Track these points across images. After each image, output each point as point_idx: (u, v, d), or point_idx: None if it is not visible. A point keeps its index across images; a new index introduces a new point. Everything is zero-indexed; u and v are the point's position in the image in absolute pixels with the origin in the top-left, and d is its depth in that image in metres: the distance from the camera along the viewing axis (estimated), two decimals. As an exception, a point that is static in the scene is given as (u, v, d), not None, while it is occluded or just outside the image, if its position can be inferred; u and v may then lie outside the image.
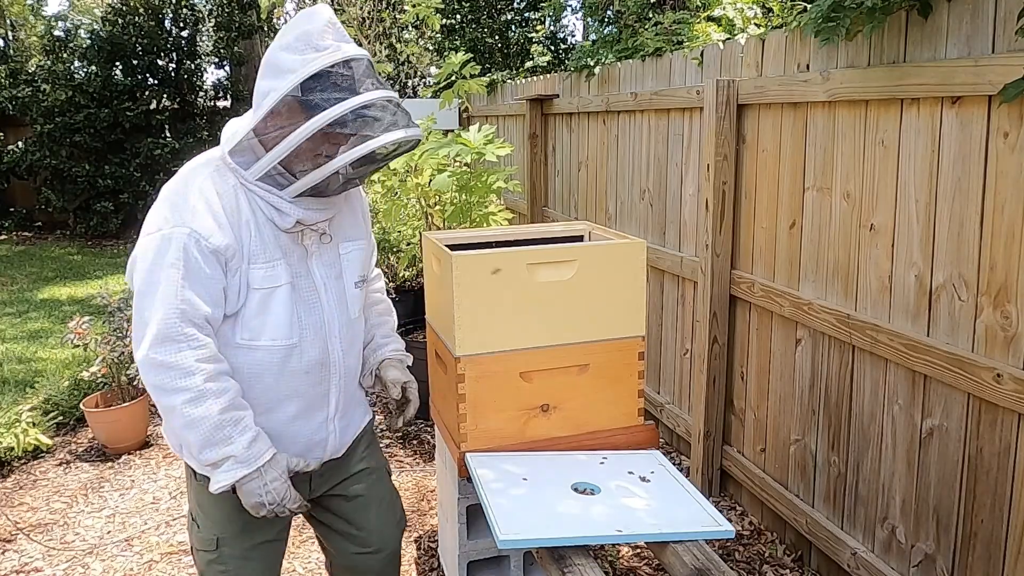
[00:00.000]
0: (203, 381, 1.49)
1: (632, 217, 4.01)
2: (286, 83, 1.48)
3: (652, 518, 1.74)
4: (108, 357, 3.87)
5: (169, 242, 1.50)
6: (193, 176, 1.58)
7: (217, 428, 1.51)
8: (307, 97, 1.48)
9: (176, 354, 1.48)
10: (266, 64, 1.53)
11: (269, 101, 1.50)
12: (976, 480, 2.08)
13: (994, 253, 1.97)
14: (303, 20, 1.52)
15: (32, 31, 15.78)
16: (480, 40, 9.58)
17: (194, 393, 1.49)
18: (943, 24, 2.07)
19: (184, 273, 1.49)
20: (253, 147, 1.55)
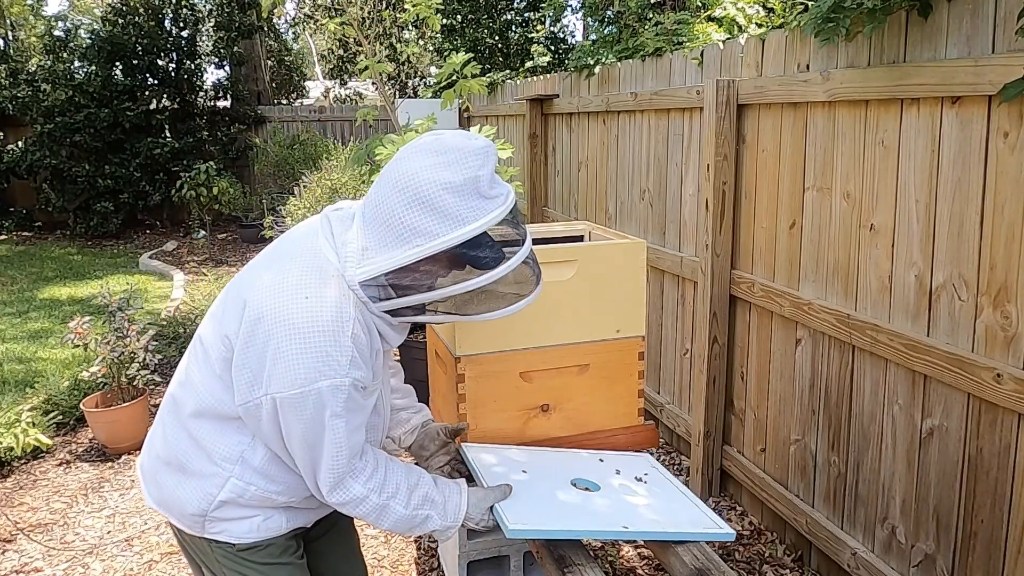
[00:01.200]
0: (377, 498, 1.49)
1: (632, 217, 4.01)
2: (459, 233, 1.33)
3: (655, 516, 1.73)
4: (108, 357, 3.87)
5: (331, 395, 1.37)
6: (340, 320, 1.38)
7: (411, 519, 1.54)
8: (474, 253, 1.37)
9: (346, 492, 1.47)
10: (416, 194, 1.34)
11: (430, 247, 1.34)
12: (976, 480, 2.08)
13: (994, 253, 1.97)
14: (472, 160, 1.35)
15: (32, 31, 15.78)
16: (480, 40, 9.59)
17: (375, 508, 1.50)
18: (943, 24, 2.07)
19: (348, 419, 1.41)
20: (384, 285, 1.41)
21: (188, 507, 1.53)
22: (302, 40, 19.30)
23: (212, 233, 10.49)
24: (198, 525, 1.55)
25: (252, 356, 1.40)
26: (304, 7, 13.64)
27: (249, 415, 1.44)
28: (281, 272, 1.45)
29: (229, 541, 1.56)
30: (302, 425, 1.39)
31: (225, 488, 1.51)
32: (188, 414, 1.53)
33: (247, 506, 1.54)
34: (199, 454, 1.52)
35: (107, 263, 8.99)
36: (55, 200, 10.28)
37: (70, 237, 10.56)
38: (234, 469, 1.50)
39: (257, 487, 1.52)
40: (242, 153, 11.05)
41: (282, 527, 1.59)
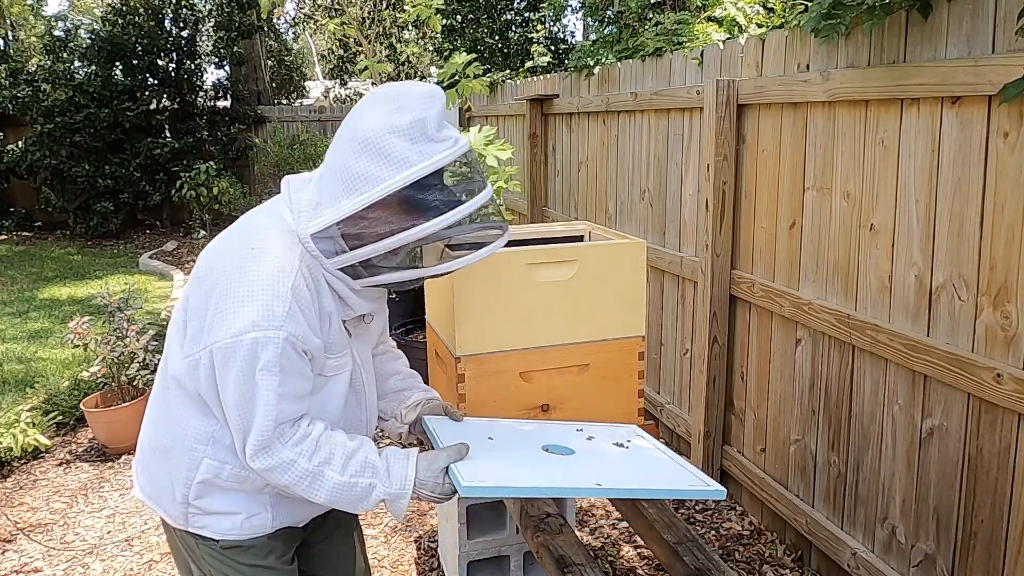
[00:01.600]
0: (307, 463, 1.40)
1: (632, 217, 4.01)
2: (403, 175, 1.30)
3: (634, 475, 1.58)
4: (108, 357, 3.87)
5: (262, 347, 1.33)
6: (282, 271, 1.37)
7: (350, 488, 1.42)
8: (423, 195, 1.32)
9: (271, 456, 1.39)
10: (364, 141, 1.33)
11: (376, 192, 1.31)
12: (976, 480, 2.08)
13: (994, 253, 1.97)
14: (418, 103, 1.34)
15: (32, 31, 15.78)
16: (480, 40, 9.59)
17: (305, 475, 1.40)
18: (943, 24, 2.07)
19: (281, 379, 1.36)
20: (336, 237, 1.38)
21: (171, 494, 1.52)
22: (302, 40, 19.29)
23: (212, 233, 10.48)
24: (182, 517, 1.53)
25: (199, 311, 1.40)
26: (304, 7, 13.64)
27: (190, 373, 1.42)
28: (234, 229, 1.47)
29: (213, 537, 1.53)
30: (233, 378, 1.35)
31: (200, 469, 1.48)
32: (166, 395, 1.52)
33: (228, 495, 1.51)
34: (177, 436, 1.50)
35: (107, 263, 8.99)
36: (55, 200, 10.28)
37: (70, 237, 10.56)
38: (207, 449, 1.48)
39: (232, 465, 1.48)
40: (242, 153, 11.05)
41: (267, 525, 1.55)
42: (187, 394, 1.47)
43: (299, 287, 1.37)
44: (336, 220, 1.36)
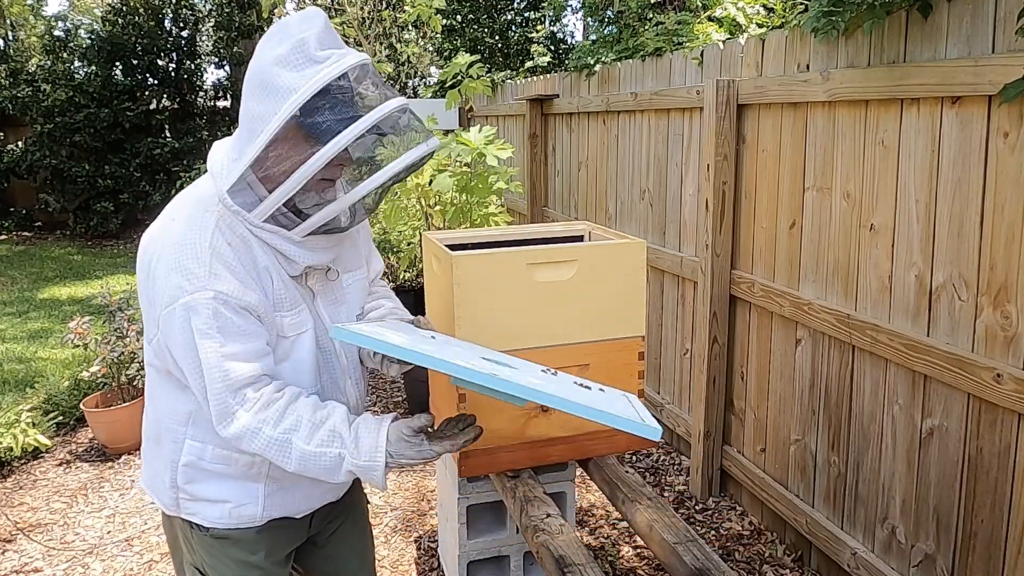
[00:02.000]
0: (272, 431, 1.35)
1: (632, 217, 4.01)
2: (287, 105, 1.26)
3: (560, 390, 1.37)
4: (108, 357, 3.87)
5: (193, 311, 1.31)
6: (198, 231, 1.35)
7: (318, 458, 1.37)
8: (313, 120, 1.27)
9: (234, 425, 1.35)
10: (256, 82, 1.30)
11: (269, 129, 1.27)
12: (976, 480, 2.08)
13: (994, 253, 1.97)
14: (295, 27, 1.30)
15: (32, 31, 15.77)
16: (480, 40, 9.59)
17: (273, 443, 1.36)
18: (943, 24, 2.07)
19: (221, 340, 1.32)
20: (252, 184, 1.35)
21: (163, 480, 1.51)
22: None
23: (212, 233, 10.48)
24: (174, 503, 1.52)
25: (143, 291, 1.39)
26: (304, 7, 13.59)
27: (157, 353, 1.42)
28: (165, 208, 1.47)
29: (203, 524, 1.52)
30: (179, 347, 1.34)
31: (184, 451, 1.47)
32: (149, 383, 1.52)
33: (217, 482, 1.49)
34: (161, 420, 1.50)
35: (107, 263, 8.99)
36: (55, 200, 10.28)
37: (70, 237, 10.56)
38: (187, 430, 1.47)
39: (213, 445, 1.46)
40: (242, 153, 11.04)
41: (256, 516, 1.52)
42: (161, 376, 1.47)
43: (218, 245, 1.34)
44: (243, 170, 1.33)
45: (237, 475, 1.49)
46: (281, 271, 1.43)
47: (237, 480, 1.50)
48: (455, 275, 1.95)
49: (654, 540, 1.78)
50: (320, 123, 1.27)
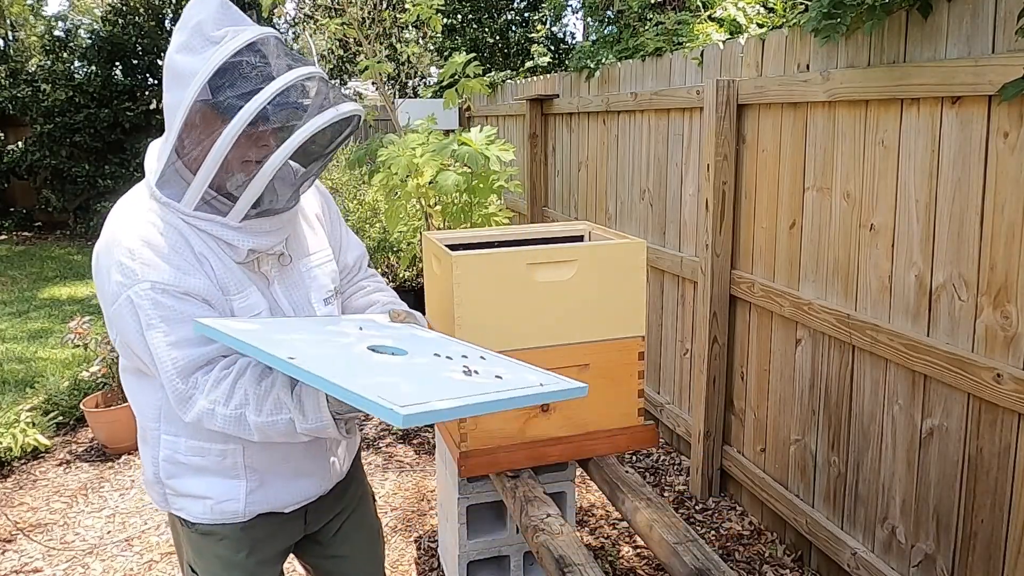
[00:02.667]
0: (224, 409, 1.35)
1: (632, 217, 4.01)
2: (191, 89, 1.26)
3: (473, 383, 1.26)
4: (108, 357, 3.87)
5: (133, 305, 1.32)
6: (127, 226, 1.35)
7: (272, 427, 1.36)
8: (218, 99, 1.26)
9: (192, 409, 1.36)
10: (168, 74, 1.32)
11: (180, 115, 1.29)
12: (976, 480, 2.08)
13: (994, 253, 1.97)
14: (191, 12, 1.31)
15: (32, 31, 15.77)
16: (481, 40, 9.59)
17: (230, 420, 1.36)
18: (943, 24, 2.07)
19: (166, 329, 1.32)
20: (179, 172, 1.35)
21: (150, 476, 1.54)
22: (302, 40, 19.29)
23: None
24: (162, 499, 1.54)
25: (99, 295, 1.41)
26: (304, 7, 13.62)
27: (124, 352, 1.44)
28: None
29: (188, 519, 1.53)
30: (134, 342, 1.36)
31: (161, 445, 1.49)
32: (129, 380, 1.53)
33: (198, 477, 1.49)
34: (140, 418, 1.52)
35: (107, 263, 8.99)
36: (55, 200, 10.28)
37: (70, 237, 10.57)
38: (160, 425, 1.48)
39: (186, 437, 1.47)
40: (242, 153, 11.05)
41: (239, 512, 1.51)
42: (130, 376, 1.49)
43: (149, 235, 1.34)
44: (164, 160, 1.34)
45: (215, 469, 1.49)
46: (223, 256, 1.41)
47: (216, 475, 1.49)
48: (455, 275, 1.95)
49: (654, 540, 1.78)
50: (223, 101, 1.26)
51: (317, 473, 1.60)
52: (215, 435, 1.46)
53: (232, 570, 1.57)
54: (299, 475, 1.55)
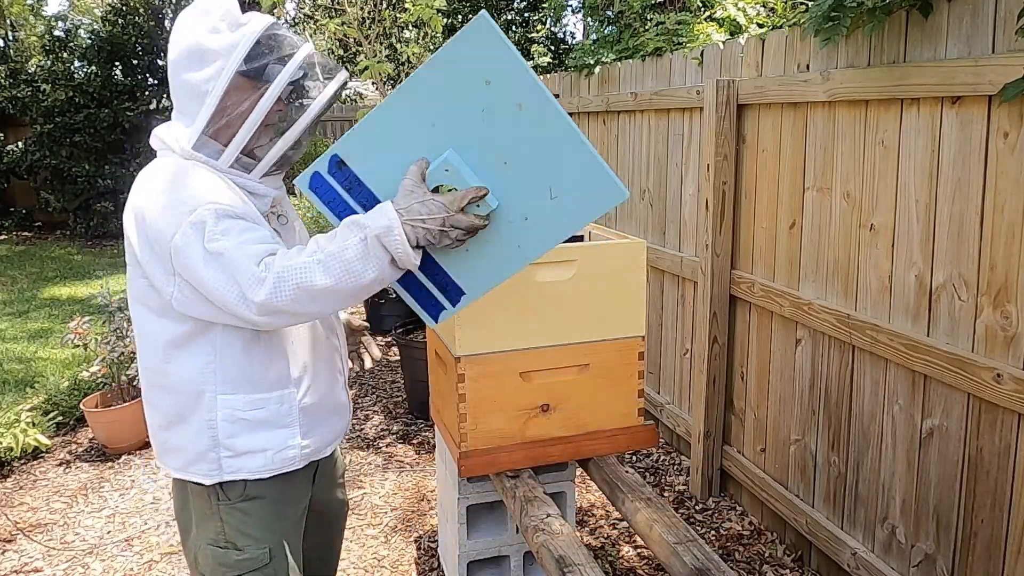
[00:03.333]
0: (297, 260, 1.36)
1: (632, 217, 4.01)
2: (232, 60, 1.44)
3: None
4: (108, 357, 3.87)
5: (196, 226, 1.39)
6: (177, 174, 1.47)
7: (345, 250, 1.35)
8: (255, 65, 1.46)
9: (264, 284, 1.36)
10: (189, 56, 1.46)
11: (220, 84, 1.44)
12: (976, 480, 2.08)
13: (994, 253, 1.97)
14: (215, 3, 1.49)
15: (32, 31, 15.77)
16: (480, 40, 9.58)
17: (302, 269, 1.36)
18: (943, 24, 2.07)
19: (233, 236, 1.40)
20: (211, 139, 1.50)
21: (202, 450, 1.56)
22: (302, 40, 19.27)
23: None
24: (216, 468, 1.57)
25: (148, 258, 1.46)
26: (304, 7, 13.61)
27: (185, 303, 1.46)
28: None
29: (247, 478, 1.58)
30: (199, 263, 1.39)
31: (218, 407, 1.54)
32: (158, 374, 1.57)
33: (255, 432, 1.57)
34: (182, 395, 1.55)
35: (107, 263, 8.99)
36: (55, 200, 10.29)
37: (70, 237, 10.57)
38: (215, 387, 1.54)
39: (245, 393, 1.55)
40: (242, 153, 11.05)
41: (296, 457, 1.62)
42: (176, 348, 1.53)
43: (198, 177, 1.47)
44: (203, 126, 1.48)
45: (272, 419, 1.58)
46: (252, 207, 1.53)
47: (273, 427, 1.58)
48: None
49: (654, 540, 1.78)
50: (263, 66, 1.46)
51: (340, 410, 1.75)
52: (272, 384, 1.57)
53: (279, 522, 1.65)
54: (332, 412, 1.71)
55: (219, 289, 1.40)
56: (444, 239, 1.37)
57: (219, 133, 1.49)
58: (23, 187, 10.87)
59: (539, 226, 1.38)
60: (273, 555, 1.63)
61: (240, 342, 1.53)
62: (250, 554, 1.61)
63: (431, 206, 1.35)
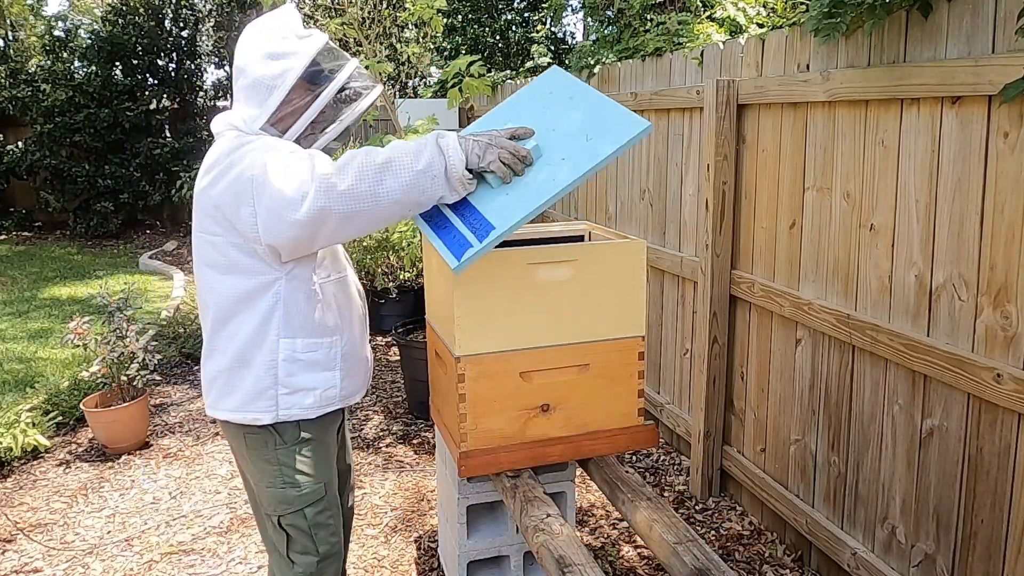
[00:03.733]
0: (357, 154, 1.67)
1: (632, 217, 4.01)
2: (298, 63, 1.76)
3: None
4: (108, 357, 3.87)
5: (274, 150, 1.69)
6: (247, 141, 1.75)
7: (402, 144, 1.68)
8: (315, 71, 1.78)
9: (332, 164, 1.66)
10: (263, 53, 1.76)
11: (287, 81, 1.76)
12: (976, 480, 2.08)
13: (994, 253, 1.97)
14: (285, 17, 1.83)
15: (32, 31, 15.76)
16: (481, 39, 9.58)
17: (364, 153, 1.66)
18: (943, 24, 2.07)
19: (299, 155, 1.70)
20: (270, 127, 1.80)
21: (261, 390, 1.81)
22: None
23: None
24: (273, 407, 1.82)
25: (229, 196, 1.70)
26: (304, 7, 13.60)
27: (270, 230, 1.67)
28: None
29: (300, 418, 1.84)
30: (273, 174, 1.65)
31: (280, 349, 1.81)
32: (225, 322, 1.81)
33: (307, 372, 1.83)
34: (248, 340, 1.80)
35: (107, 263, 8.99)
36: (55, 200, 10.28)
37: (70, 237, 10.56)
38: (277, 330, 1.80)
39: (303, 337, 1.83)
40: (242, 153, 11.04)
41: (336, 397, 1.90)
42: (246, 300, 1.78)
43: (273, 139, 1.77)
44: (270, 113, 1.78)
45: (322, 361, 1.86)
46: None
47: (322, 368, 1.86)
48: (455, 275, 1.95)
49: (654, 540, 1.78)
50: (319, 72, 1.80)
51: (366, 363, 2.05)
52: (325, 330, 1.85)
53: (327, 461, 1.93)
54: (362, 363, 2.00)
55: (288, 184, 1.64)
56: (489, 154, 1.67)
57: (278, 123, 1.80)
58: (23, 187, 10.87)
59: (573, 159, 1.70)
60: (328, 489, 1.91)
61: (303, 292, 1.80)
62: (308, 489, 1.87)
63: (486, 133, 1.73)
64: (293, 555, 1.90)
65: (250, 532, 3.14)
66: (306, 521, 1.88)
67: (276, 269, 1.76)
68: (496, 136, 1.70)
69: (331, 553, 1.93)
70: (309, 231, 1.65)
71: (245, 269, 1.75)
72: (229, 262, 1.76)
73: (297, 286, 1.79)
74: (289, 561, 1.91)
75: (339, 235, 1.70)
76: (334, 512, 1.94)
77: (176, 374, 5.11)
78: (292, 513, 1.87)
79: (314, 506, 1.88)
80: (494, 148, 1.67)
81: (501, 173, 1.68)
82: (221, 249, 1.75)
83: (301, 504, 1.87)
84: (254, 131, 1.78)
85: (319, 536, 1.90)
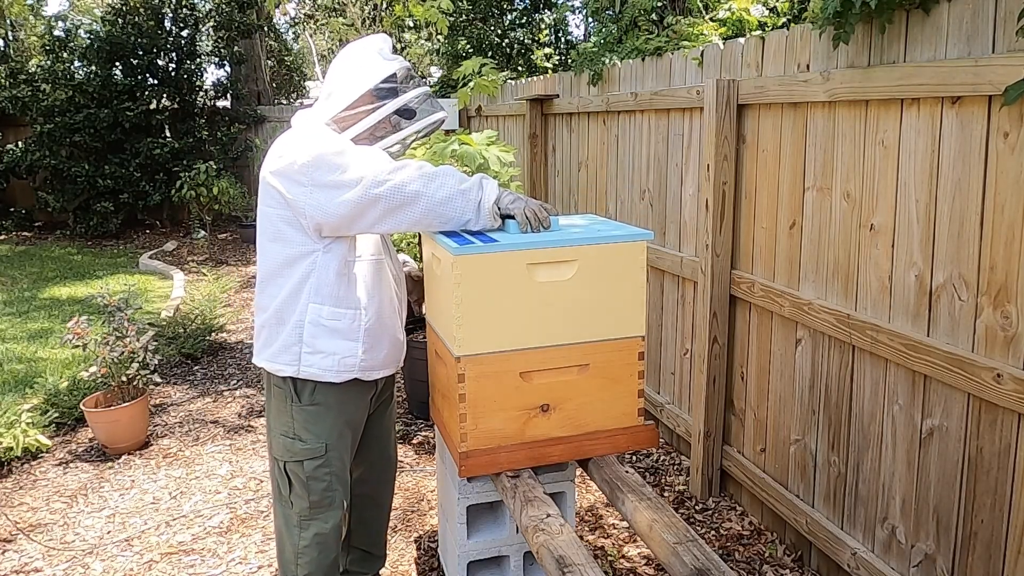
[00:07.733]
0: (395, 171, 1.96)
1: (632, 217, 4.01)
2: (369, 78, 2.07)
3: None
4: (108, 357, 3.87)
5: (337, 139, 2.01)
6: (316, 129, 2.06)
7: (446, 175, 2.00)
8: (382, 87, 2.08)
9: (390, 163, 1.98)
10: (352, 65, 2.10)
11: (355, 91, 2.07)
12: (976, 480, 2.08)
13: (994, 253, 1.97)
14: (376, 42, 2.16)
15: (32, 31, 15.78)
16: (484, 38, 9.58)
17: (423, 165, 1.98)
18: (943, 24, 2.07)
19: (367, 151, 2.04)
20: (334, 124, 2.08)
21: (288, 345, 2.06)
22: (302, 40, 19.28)
23: (212, 233, 10.49)
24: (295, 361, 2.07)
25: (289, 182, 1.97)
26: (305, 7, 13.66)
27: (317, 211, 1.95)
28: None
29: (317, 379, 2.08)
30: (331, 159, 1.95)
31: (308, 312, 2.05)
32: (271, 282, 2.08)
33: (330, 337, 2.06)
34: (284, 301, 2.06)
35: (107, 263, 8.99)
36: (54, 200, 10.28)
37: (70, 237, 10.55)
38: (308, 296, 2.04)
39: (330, 306, 2.05)
40: (242, 153, 11.04)
41: (355, 366, 2.10)
42: (288, 265, 2.04)
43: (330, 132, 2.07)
44: (335, 112, 2.09)
45: (344, 331, 2.07)
46: None
47: (344, 337, 2.08)
48: (456, 275, 1.95)
49: (654, 540, 1.78)
50: (386, 91, 2.10)
51: (397, 343, 2.25)
52: (351, 302, 2.07)
53: (335, 427, 2.14)
54: (390, 342, 2.20)
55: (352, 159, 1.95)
56: (518, 204, 2.03)
57: (340, 122, 2.08)
58: (23, 187, 10.86)
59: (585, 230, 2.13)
60: (328, 449, 2.13)
61: (335, 266, 2.04)
62: (310, 445, 2.12)
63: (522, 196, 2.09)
64: (293, 497, 2.17)
65: (250, 532, 3.14)
66: (303, 471, 2.13)
67: (316, 243, 2.01)
68: (528, 198, 2.07)
69: (321, 503, 2.16)
70: (356, 211, 1.93)
71: (289, 239, 2.02)
72: (276, 231, 2.03)
73: (331, 260, 2.03)
74: (288, 501, 2.18)
75: (379, 225, 1.97)
76: (331, 471, 2.16)
77: (176, 374, 5.11)
78: (293, 462, 2.14)
79: (312, 461, 2.13)
80: (522, 201, 2.04)
81: (521, 220, 2.01)
82: (272, 220, 2.03)
83: (301, 456, 2.12)
84: (320, 124, 2.07)
85: (312, 487, 2.14)
